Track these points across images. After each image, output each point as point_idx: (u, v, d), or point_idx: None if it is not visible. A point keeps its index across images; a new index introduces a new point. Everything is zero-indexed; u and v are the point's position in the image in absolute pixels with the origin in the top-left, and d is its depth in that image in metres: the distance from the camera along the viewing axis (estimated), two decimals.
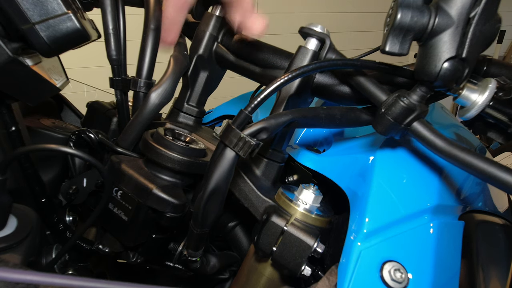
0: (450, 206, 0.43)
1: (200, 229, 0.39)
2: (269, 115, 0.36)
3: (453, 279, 0.40)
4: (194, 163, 0.47)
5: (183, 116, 0.62)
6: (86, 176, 0.57)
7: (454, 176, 0.44)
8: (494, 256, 0.48)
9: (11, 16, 0.36)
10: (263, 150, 0.48)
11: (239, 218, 0.66)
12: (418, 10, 0.30)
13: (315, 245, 0.39)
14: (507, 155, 1.30)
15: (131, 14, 0.60)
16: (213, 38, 0.59)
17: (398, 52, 0.32)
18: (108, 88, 0.60)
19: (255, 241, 0.42)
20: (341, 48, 0.44)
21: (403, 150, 0.44)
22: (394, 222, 0.39)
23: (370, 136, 0.50)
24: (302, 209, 0.42)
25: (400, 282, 0.36)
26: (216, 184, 0.36)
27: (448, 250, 0.40)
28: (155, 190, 0.44)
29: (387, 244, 0.38)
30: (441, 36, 0.31)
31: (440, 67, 0.31)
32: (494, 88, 0.36)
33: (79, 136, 0.57)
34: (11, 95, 0.42)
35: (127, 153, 0.52)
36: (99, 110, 0.68)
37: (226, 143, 0.34)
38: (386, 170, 0.42)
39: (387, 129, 0.36)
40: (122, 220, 0.47)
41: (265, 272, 0.46)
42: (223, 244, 0.69)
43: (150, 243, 0.51)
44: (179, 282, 0.66)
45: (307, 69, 0.35)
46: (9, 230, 0.41)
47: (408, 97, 0.35)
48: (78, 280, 0.21)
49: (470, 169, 0.32)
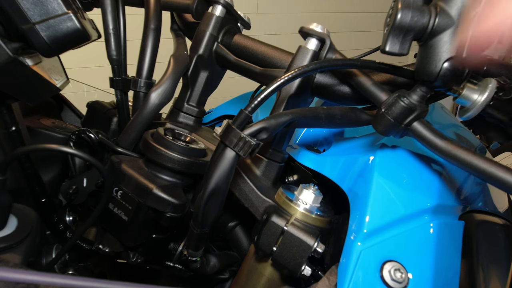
0: (450, 206, 0.43)
1: (200, 229, 0.39)
2: (269, 115, 0.36)
3: (453, 279, 0.40)
4: (194, 163, 0.47)
5: (183, 116, 0.62)
6: (86, 176, 0.57)
7: (454, 176, 0.44)
8: (494, 256, 0.48)
9: (11, 16, 0.36)
10: (263, 150, 0.48)
11: (239, 218, 0.66)
12: (418, 10, 0.30)
13: (315, 245, 0.39)
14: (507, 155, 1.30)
15: (131, 14, 0.60)
16: (213, 38, 0.59)
17: (398, 52, 0.32)
18: (108, 88, 0.60)
19: (255, 241, 0.42)
20: (341, 48, 0.44)
21: (403, 150, 0.44)
22: (394, 222, 0.39)
23: (370, 136, 0.50)
24: (302, 209, 0.42)
25: (400, 282, 0.36)
26: (216, 184, 0.36)
27: (448, 250, 0.40)
28: (155, 190, 0.44)
29: (387, 244, 0.38)
30: (441, 36, 0.31)
31: (440, 67, 0.31)
32: (494, 88, 0.36)
33: (79, 136, 0.57)
34: (11, 95, 0.42)
35: (127, 153, 0.52)
36: (99, 110, 0.68)
37: (226, 143, 0.34)
38: (386, 170, 0.42)
39: (387, 129, 0.36)
40: (122, 220, 0.47)
41: (265, 272, 0.46)
42: (223, 244, 0.69)
43: (150, 243, 0.51)
44: (179, 282, 0.66)
45: (307, 69, 0.35)
46: (9, 230, 0.41)
47: (408, 97, 0.35)
48: (78, 280, 0.21)
49: (470, 169, 0.32)
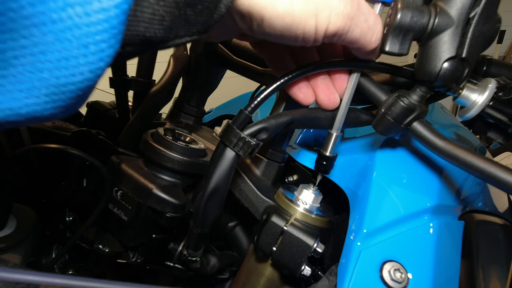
0: (450, 206, 0.43)
1: (200, 229, 0.39)
2: (269, 115, 0.36)
3: (453, 279, 0.40)
4: (194, 163, 0.47)
5: (183, 116, 0.62)
6: (86, 176, 0.57)
7: (454, 176, 0.44)
8: (494, 256, 0.48)
9: None
10: (263, 150, 0.48)
11: (239, 218, 0.66)
12: (418, 10, 0.30)
13: (315, 245, 0.39)
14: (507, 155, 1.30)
15: None
16: None
17: (398, 52, 0.32)
18: (108, 88, 0.60)
19: (255, 241, 0.42)
20: None
21: (403, 150, 0.44)
22: (394, 222, 0.39)
23: (370, 136, 0.50)
24: (302, 209, 0.42)
25: (400, 282, 0.36)
26: (216, 184, 0.36)
27: (448, 250, 0.40)
28: (155, 190, 0.44)
29: (387, 244, 0.38)
30: (441, 36, 0.31)
31: (440, 67, 0.31)
32: (494, 88, 0.36)
33: (79, 136, 0.57)
34: None
35: (127, 153, 0.52)
36: (99, 110, 0.68)
37: (226, 143, 0.34)
38: (386, 170, 0.42)
39: (387, 129, 0.36)
40: (122, 220, 0.47)
41: (265, 272, 0.46)
42: (223, 244, 0.69)
43: (150, 243, 0.51)
44: (179, 282, 0.66)
45: (307, 69, 0.35)
46: (9, 230, 0.41)
47: (408, 97, 0.35)
48: (78, 280, 0.21)
49: (470, 169, 0.32)
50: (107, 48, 0.18)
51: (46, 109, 0.19)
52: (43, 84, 0.18)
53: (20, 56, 0.17)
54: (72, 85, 0.18)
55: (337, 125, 0.39)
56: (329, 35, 0.29)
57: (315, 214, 0.42)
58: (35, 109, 0.18)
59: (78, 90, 0.19)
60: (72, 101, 0.19)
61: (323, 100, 0.38)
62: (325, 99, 0.38)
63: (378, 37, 0.32)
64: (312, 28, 0.28)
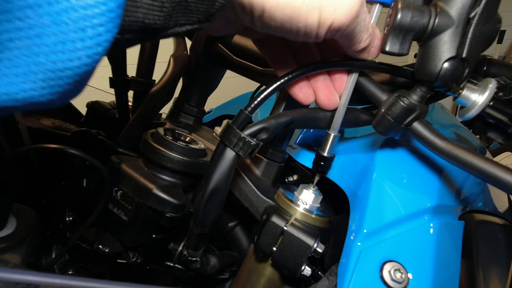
0: (450, 206, 0.43)
1: (200, 229, 0.39)
2: (269, 115, 0.36)
3: (453, 279, 0.40)
4: (194, 163, 0.47)
5: (183, 116, 0.62)
6: (86, 176, 0.57)
7: (454, 176, 0.44)
8: (494, 256, 0.48)
9: None
10: (263, 150, 0.48)
11: (239, 218, 0.66)
12: (418, 10, 0.30)
13: (315, 245, 0.39)
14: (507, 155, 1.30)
15: None
16: (213, 38, 0.59)
17: (398, 52, 0.32)
18: (108, 88, 0.60)
19: (255, 241, 0.42)
20: None
21: (403, 150, 0.44)
22: (394, 222, 0.39)
23: (370, 136, 0.50)
24: (302, 209, 0.42)
25: (400, 282, 0.36)
26: (216, 184, 0.36)
27: (448, 250, 0.40)
28: (155, 190, 0.44)
29: (387, 244, 0.38)
30: (441, 36, 0.31)
31: (440, 67, 0.31)
32: (494, 88, 0.36)
33: (79, 136, 0.57)
34: None
35: (127, 153, 0.52)
36: (99, 110, 0.68)
37: (226, 143, 0.34)
38: (386, 170, 0.42)
39: (387, 129, 0.36)
40: (122, 220, 0.47)
41: (265, 272, 0.46)
42: (223, 244, 0.69)
43: (150, 243, 0.51)
44: (179, 282, 0.66)
45: (307, 69, 0.35)
46: (9, 230, 0.41)
47: (408, 97, 0.35)
48: (78, 280, 0.21)
49: (470, 169, 0.32)
50: (105, 32, 0.18)
51: (43, 95, 0.18)
52: (40, 68, 0.17)
53: (15, 39, 0.16)
54: (69, 70, 0.18)
55: (335, 125, 0.38)
56: (333, 30, 0.29)
57: (315, 214, 0.42)
58: (32, 94, 0.18)
59: (76, 76, 0.18)
60: (69, 86, 0.19)
61: (323, 100, 0.38)
62: (325, 100, 0.38)
63: (369, 35, 0.32)
64: (314, 22, 0.27)
